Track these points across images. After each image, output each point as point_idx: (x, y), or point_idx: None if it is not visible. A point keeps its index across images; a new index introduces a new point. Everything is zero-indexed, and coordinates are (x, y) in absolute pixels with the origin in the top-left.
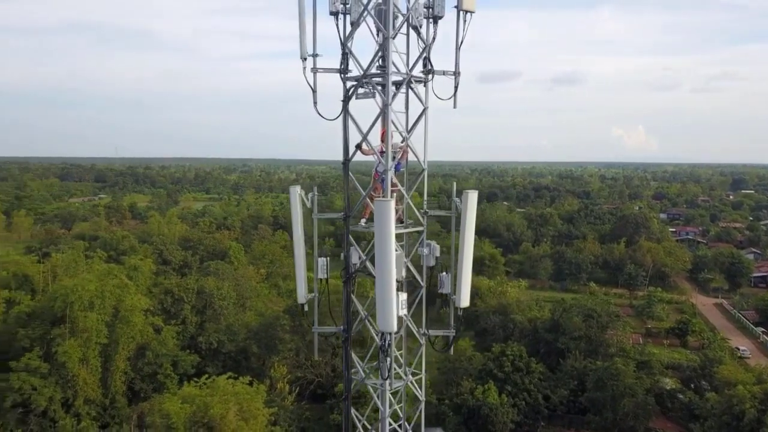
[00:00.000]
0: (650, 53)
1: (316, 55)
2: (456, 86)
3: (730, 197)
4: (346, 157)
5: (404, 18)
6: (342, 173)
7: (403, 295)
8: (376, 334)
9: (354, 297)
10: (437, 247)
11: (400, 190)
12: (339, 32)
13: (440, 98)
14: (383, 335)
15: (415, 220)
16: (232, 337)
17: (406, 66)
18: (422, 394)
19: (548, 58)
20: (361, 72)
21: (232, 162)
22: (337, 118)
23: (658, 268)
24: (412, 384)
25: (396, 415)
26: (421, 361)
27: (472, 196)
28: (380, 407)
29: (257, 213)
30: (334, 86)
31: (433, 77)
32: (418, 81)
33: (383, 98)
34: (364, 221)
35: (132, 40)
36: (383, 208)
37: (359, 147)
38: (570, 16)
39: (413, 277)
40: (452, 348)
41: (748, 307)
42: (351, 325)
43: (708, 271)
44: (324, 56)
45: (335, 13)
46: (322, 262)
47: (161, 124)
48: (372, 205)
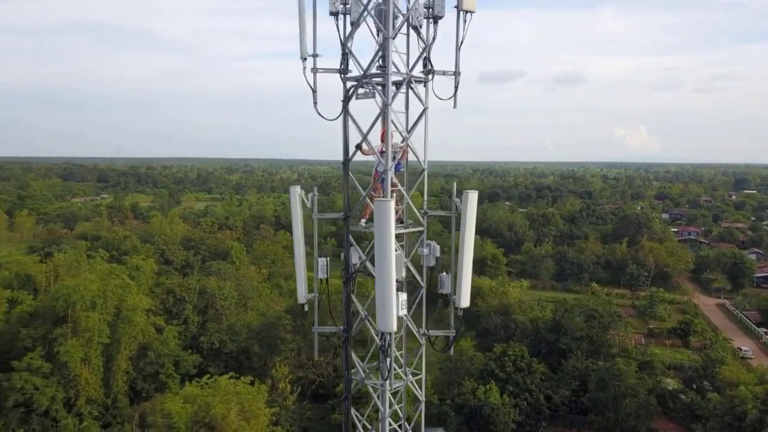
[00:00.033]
0: (652, 53)
1: (316, 55)
2: (456, 86)
3: (733, 197)
4: (346, 157)
5: (404, 18)
6: (342, 173)
7: (403, 296)
8: (376, 335)
9: (354, 297)
10: (437, 247)
11: (400, 190)
12: (339, 32)
13: (440, 98)
14: (383, 335)
15: (415, 220)
16: (233, 337)
17: (406, 66)
18: (422, 395)
19: (550, 58)
20: (361, 72)
21: (234, 162)
22: (337, 118)
23: (660, 269)
24: (413, 384)
25: (396, 415)
26: (421, 362)
27: (473, 197)
28: (380, 407)
29: (259, 213)
30: (334, 86)
31: (433, 77)
32: (418, 81)
33: (383, 98)
34: (364, 221)
35: (132, 40)
36: (383, 208)
37: (359, 147)
38: (571, 16)
39: (413, 277)
40: (452, 348)
41: (751, 308)
42: (351, 325)
43: (710, 272)
44: (324, 56)
45: (335, 13)
46: (322, 262)
47: (163, 124)
48: (372, 205)
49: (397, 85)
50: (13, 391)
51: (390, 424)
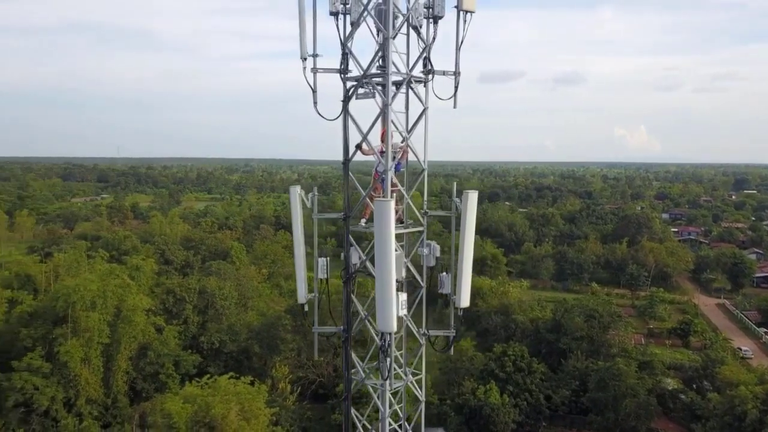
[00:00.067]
0: (652, 53)
1: (316, 55)
2: (456, 86)
3: (733, 197)
4: (346, 157)
5: (404, 18)
6: (342, 173)
7: (403, 296)
8: (376, 335)
9: (354, 297)
10: (437, 248)
11: (400, 190)
12: (339, 32)
13: (440, 98)
14: (383, 335)
15: (415, 220)
16: (233, 337)
17: (406, 66)
18: (422, 395)
19: (550, 57)
20: (361, 72)
21: (234, 162)
22: (337, 118)
23: (660, 269)
24: (412, 384)
25: (396, 416)
26: (421, 362)
27: (472, 197)
28: (380, 407)
29: (259, 213)
30: (334, 86)
31: (433, 77)
32: (418, 81)
33: (383, 98)
34: (364, 221)
35: (131, 40)
36: (383, 208)
37: (359, 147)
38: (572, 16)
39: (413, 277)
40: (452, 348)
41: (751, 308)
42: (351, 326)
43: (710, 272)
44: (324, 56)
45: (335, 14)
46: (322, 262)
47: (163, 124)
48: (372, 205)
49: (397, 85)
50: (13, 391)
51: (390, 424)
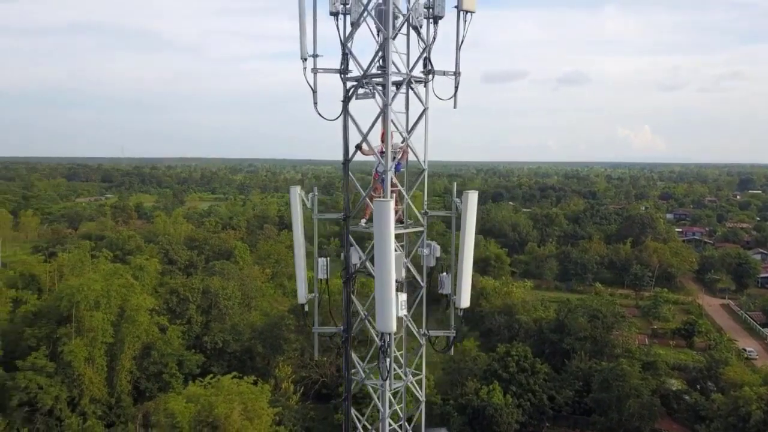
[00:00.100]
0: (657, 53)
1: (317, 55)
2: (456, 86)
3: (737, 197)
4: (346, 158)
5: (404, 18)
6: (341, 173)
7: (403, 296)
8: (375, 335)
9: (354, 297)
10: (437, 248)
11: (400, 191)
12: (339, 33)
13: (440, 98)
14: (383, 336)
15: (415, 220)
16: (237, 337)
17: (406, 66)
18: (422, 395)
19: (554, 57)
20: (361, 72)
21: (238, 162)
22: (337, 118)
23: (665, 269)
24: (413, 384)
25: (397, 416)
26: (421, 362)
27: (472, 197)
28: (380, 408)
29: (263, 213)
30: (335, 86)
31: (433, 77)
32: (418, 81)
33: (383, 98)
34: (364, 221)
35: (133, 41)
36: (382, 209)
37: (359, 147)
38: (575, 16)
39: (413, 277)
40: (452, 348)
41: (755, 308)
42: (351, 326)
43: (715, 272)
44: (324, 56)
45: (335, 14)
46: (323, 262)
47: (167, 124)
48: (372, 205)
49: (397, 85)
50: (17, 390)
51: (390, 425)
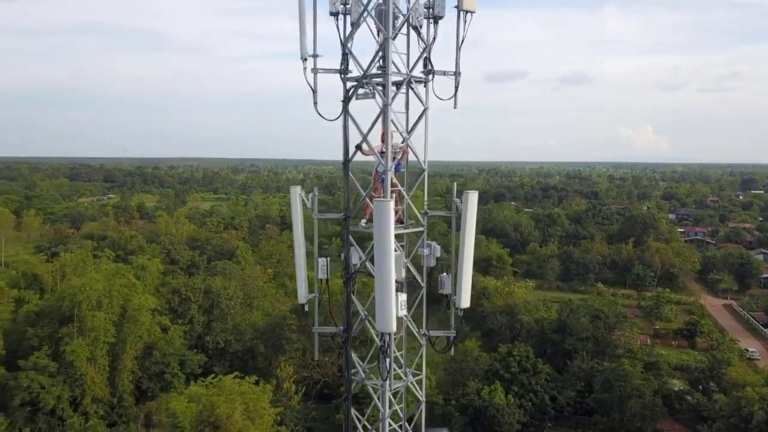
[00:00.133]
0: (657, 53)
1: (317, 55)
2: (456, 86)
3: (740, 197)
4: (346, 158)
5: (404, 18)
6: (342, 174)
7: (403, 296)
8: (376, 335)
9: (354, 297)
10: (438, 248)
11: (400, 191)
12: (339, 33)
13: (441, 98)
14: (383, 336)
15: (415, 221)
16: (238, 337)
17: (406, 66)
18: (422, 395)
19: (554, 57)
20: (361, 72)
21: (239, 162)
22: (337, 118)
23: (667, 269)
24: (413, 385)
25: (397, 416)
26: (422, 362)
27: (473, 197)
28: (380, 408)
29: (265, 213)
30: (335, 86)
31: (433, 77)
32: (418, 81)
33: (383, 98)
34: (364, 222)
35: (134, 41)
36: (382, 209)
37: (359, 147)
38: (576, 16)
39: (413, 277)
40: (452, 349)
41: (758, 309)
42: (351, 326)
43: (717, 272)
44: (324, 57)
45: (335, 14)
46: (323, 262)
47: (167, 124)
48: (372, 205)
49: (397, 85)
50: (19, 389)
51: (390, 425)
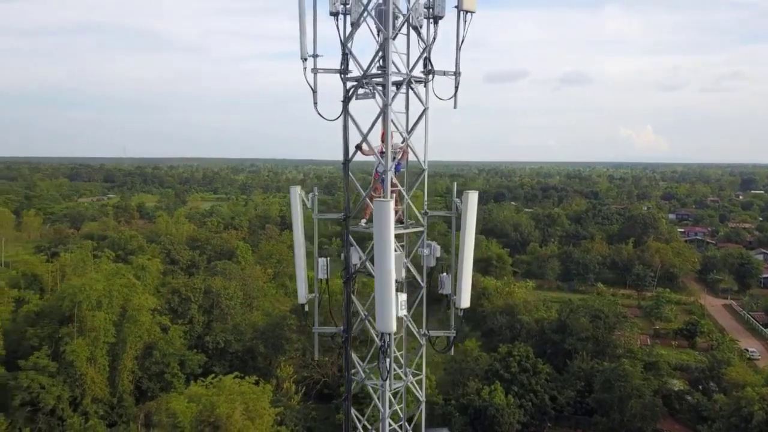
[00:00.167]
0: (657, 53)
1: (317, 55)
2: (456, 86)
3: (740, 197)
4: (346, 158)
5: (404, 18)
6: (342, 174)
7: (403, 296)
8: (375, 335)
9: (354, 297)
10: (438, 248)
11: (400, 191)
12: (339, 33)
13: (441, 98)
14: (382, 336)
15: (415, 221)
16: (238, 337)
17: (406, 66)
18: (422, 395)
19: (555, 57)
20: (361, 72)
21: (239, 162)
22: (337, 118)
23: (667, 269)
24: (413, 385)
25: (397, 416)
26: (422, 362)
27: (473, 197)
28: (380, 408)
29: (265, 213)
30: (335, 86)
31: (433, 77)
32: (418, 81)
33: (383, 98)
34: (364, 222)
35: (133, 41)
36: (382, 209)
37: (359, 147)
38: (577, 16)
39: (413, 277)
40: (452, 349)
41: (758, 309)
42: (351, 326)
43: (717, 272)
44: (324, 57)
45: (335, 14)
46: (323, 262)
47: (167, 124)
48: (372, 205)
49: (397, 85)
50: (19, 389)
51: (390, 425)
